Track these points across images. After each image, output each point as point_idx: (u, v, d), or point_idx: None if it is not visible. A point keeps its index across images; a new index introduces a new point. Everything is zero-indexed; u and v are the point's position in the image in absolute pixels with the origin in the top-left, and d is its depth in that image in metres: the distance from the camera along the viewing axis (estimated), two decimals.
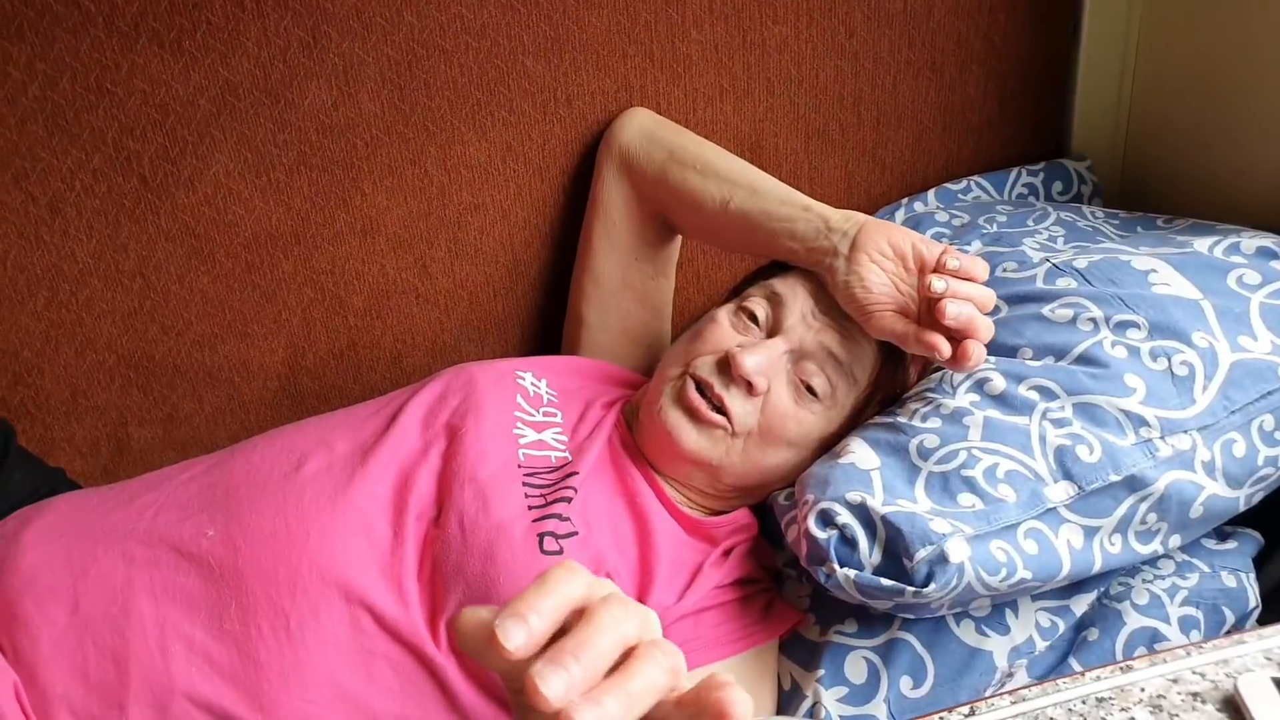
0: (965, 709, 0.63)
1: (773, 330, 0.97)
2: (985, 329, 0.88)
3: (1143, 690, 0.64)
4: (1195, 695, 0.63)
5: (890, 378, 0.98)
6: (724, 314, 0.99)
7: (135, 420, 1.12)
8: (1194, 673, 0.65)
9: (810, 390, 0.94)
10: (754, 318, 0.97)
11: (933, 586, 0.80)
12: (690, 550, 0.94)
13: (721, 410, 0.93)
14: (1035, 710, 0.63)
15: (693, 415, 0.94)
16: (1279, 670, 0.65)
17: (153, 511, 0.87)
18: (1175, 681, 0.65)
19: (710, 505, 0.99)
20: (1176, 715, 0.62)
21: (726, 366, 0.94)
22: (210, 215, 1.07)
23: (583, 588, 0.48)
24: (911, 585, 0.81)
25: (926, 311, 0.90)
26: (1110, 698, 0.64)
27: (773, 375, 0.94)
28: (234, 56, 1.03)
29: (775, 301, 0.98)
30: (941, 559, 0.80)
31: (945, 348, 0.87)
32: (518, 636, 0.45)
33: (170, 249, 1.07)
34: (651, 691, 0.46)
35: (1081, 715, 0.63)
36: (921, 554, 0.80)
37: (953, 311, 0.86)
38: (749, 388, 0.93)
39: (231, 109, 1.04)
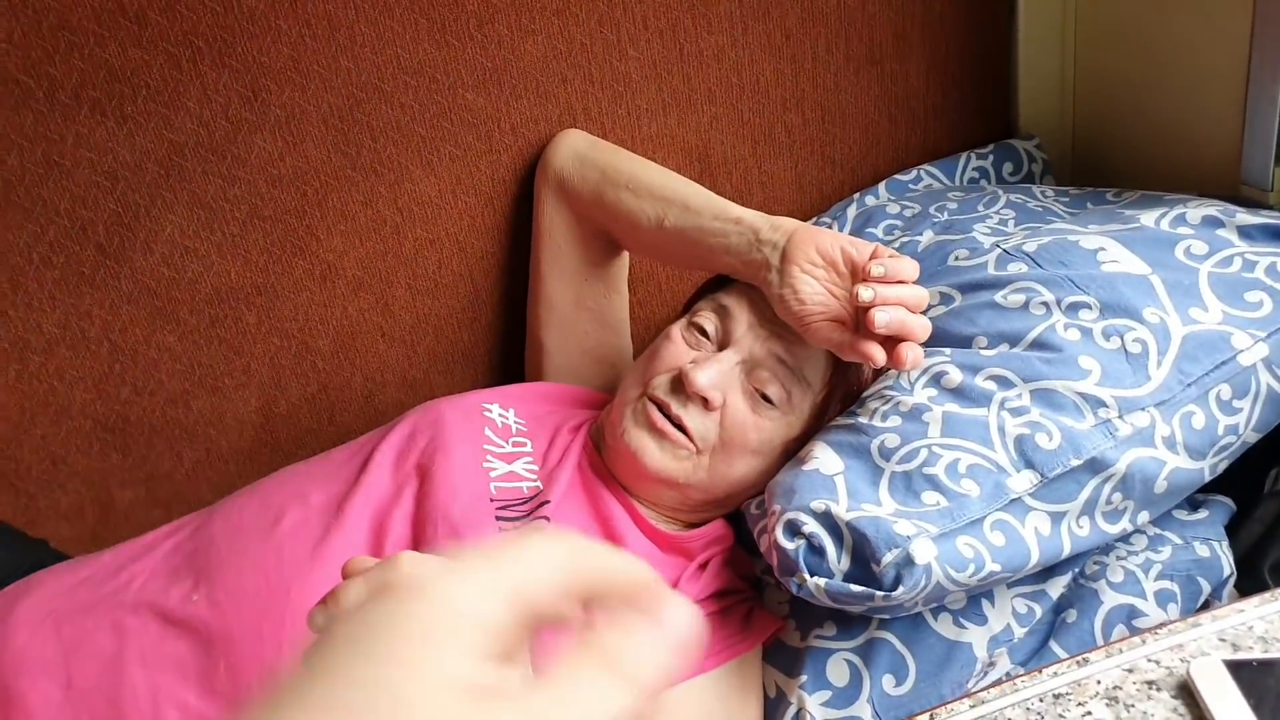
0: (925, 717, 0.64)
1: (723, 343, 0.97)
2: (919, 329, 0.88)
3: (1099, 683, 0.65)
4: (1150, 684, 0.64)
5: (845, 377, 0.99)
6: (677, 330, 1.00)
7: (117, 482, 1.14)
8: (1149, 660, 0.66)
9: (765, 398, 0.95)
10: (704, 332, 0.98)
11: (901, 589, 0.81)
12: (666, 567, 0.95)
13: (682, 429, 0.94)
14: (993, 713, 0.64)
15: (655, 433, 0.95)
16: (1233, 651, 0.66)
17: (140, 581, 0.88)
18: (1131, 671, 0.65)
19: (684, 519, 1.00)
20: (1133, 705, 0.63)
21: (681, 385, 0.95)
22: (169, 275, 1.09)
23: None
24: (880, 589, 0.82)
25: (861, 318, 0.90)
26: (1067, 693, 0.65)
27: (727, 388, 0.95)
28: (176, 117, 1.04)
29: (723, 314, 0.98)
30: (908, 561, 0.81)
31: (879, 355, 0.88)
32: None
33: (134, 311, 1.08)
34: None
35: (1039, 714, 0.64)
36: (888, 558, 0.81)
37: (881, 320, 0.86)
38: (704, 403, 0.94)
39: (179, 169, 1.05)
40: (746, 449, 0.95)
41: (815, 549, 0.85)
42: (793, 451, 0.98)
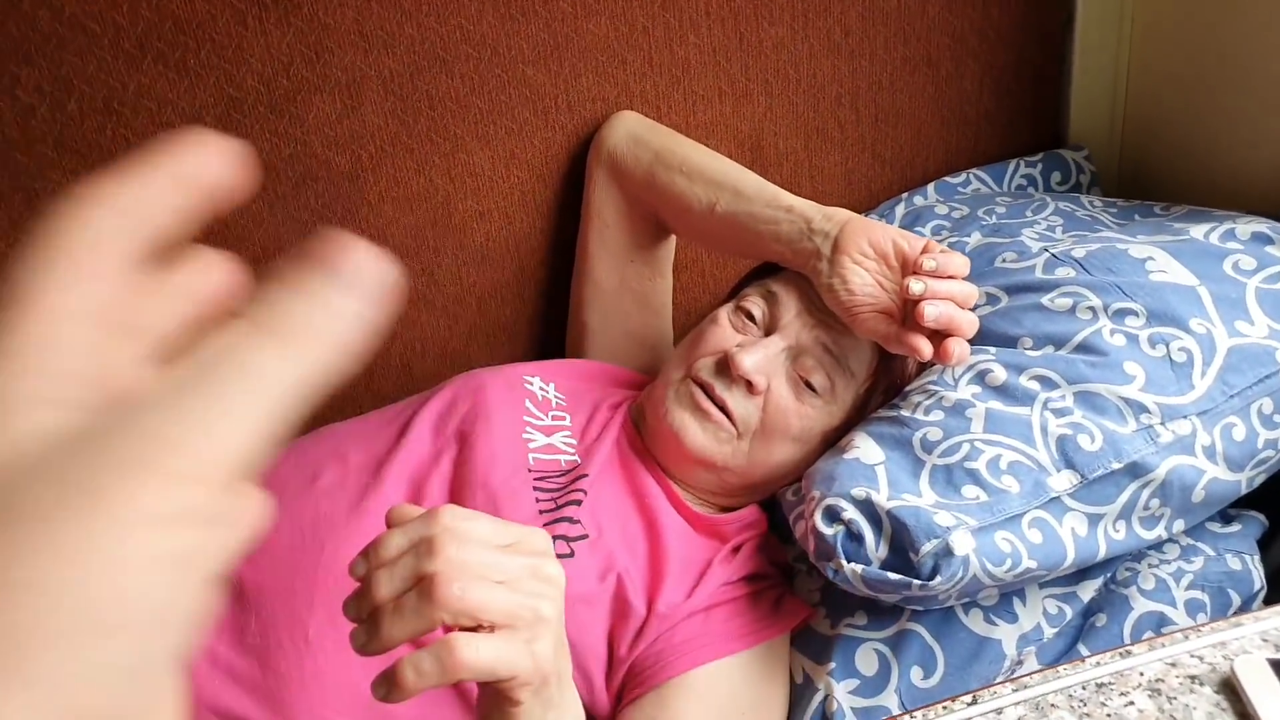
0: (968, 698, 0.65)
1: (770, 328, 0.98)
2: (967, 325, 0.89)
3: (1141, 674, 0.65)
4: (1193, 678, 0.65)
5: (889, 370, 1.00)
6: (724, 314, 1.00)
7: None
8: (1192, 656, 0.66)
9: (810, 386, 0.96)
10: (752, 317, 0.99)
11: (939, 579, 0.81)
12: (700, 548, 0.95)
13: (725, 411, 0.95)
14: (1037, 697, 0.64)
15: (698, 413, 0.95)
16: (1275, 652, 0.66)
17: None
18: (1173, 665, 0.66)
19: (719, 503, 1.01)
20: (1175, 698, 0.63)
21: (726, 367, 0.95)
22: (220, 230, 1.09)
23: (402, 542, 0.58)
24: (918, 578, 0.82)
25: (909, 311, 0.91)
26: (1110, 683, 0.65)
27: (772, 373, 0.95)
28: (238, 73, 1.04)
29: (772, 300, 0.99)
30: (947, 552, 0.81)
31: (926, 349, 0.88)
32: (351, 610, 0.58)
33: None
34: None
35: (1082, 701, 0.64)
36: (927, 547, 0.82)
37: (931, 313, 0.87)
38: (749, 387, 0.94)
39: (237, 124, 1.06)
40: (787, 435, 0.96)
41: (854, 535, 0.85)
42: (832, 441, 0.98)
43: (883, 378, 0.99)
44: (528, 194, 1.20)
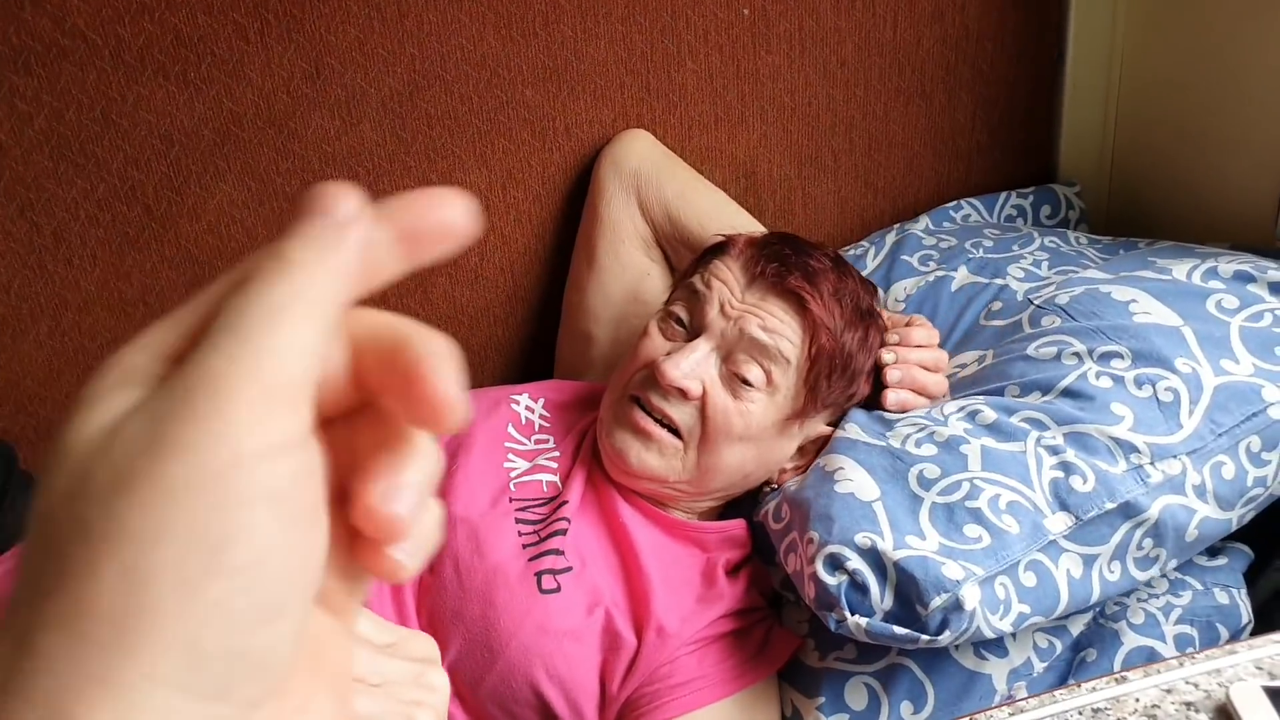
0: None
1: (697, 329, 0.95)
2: (932, 385, 1.01)
3: (1137, 701, 0.65)
4: (1189, 705, 0.65)
5: (823, 349, 0.95)
6: (654, 324, 0.98)
7: None
8: (1187, 683, 0.66)
9: (746, 382, 0.92)
10: (681, 321, 0.97)
11: (948, 633, 0.79)
12: (681, 557, 0.95)
13: (666, 422, 0.93)
14: None
15: (639, 434, 0.93)
16: (1269, 679, 0.67)
17: None
18: (1169, 692, 0.66)
19: (693, 508, 0.99)
20: None
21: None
22: (214, 243, 1.09)
23: None
24: (925, 634, 0.80)
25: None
26: (1106, 708, 0.65)
27: (705, 376, 0.93)
28: (238, 88, 1.05)
29: (693, 300, 0.96)
30: (957, 606, 0.79)
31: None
32: None
33: (174, 276, 1.09)
34: None
35: None
36: (936, 602, 0.79)
37: (894, 376, 0.99)
38: (681, 394, 0.92)
39: (235, 139, 1.06)
40: (731, 436, 0.93)
41: (858, 586, 0.82)
42: (792, 431, 0.96)
43: (821, 358, 0.95)
44: (523, 214, 1.20)
